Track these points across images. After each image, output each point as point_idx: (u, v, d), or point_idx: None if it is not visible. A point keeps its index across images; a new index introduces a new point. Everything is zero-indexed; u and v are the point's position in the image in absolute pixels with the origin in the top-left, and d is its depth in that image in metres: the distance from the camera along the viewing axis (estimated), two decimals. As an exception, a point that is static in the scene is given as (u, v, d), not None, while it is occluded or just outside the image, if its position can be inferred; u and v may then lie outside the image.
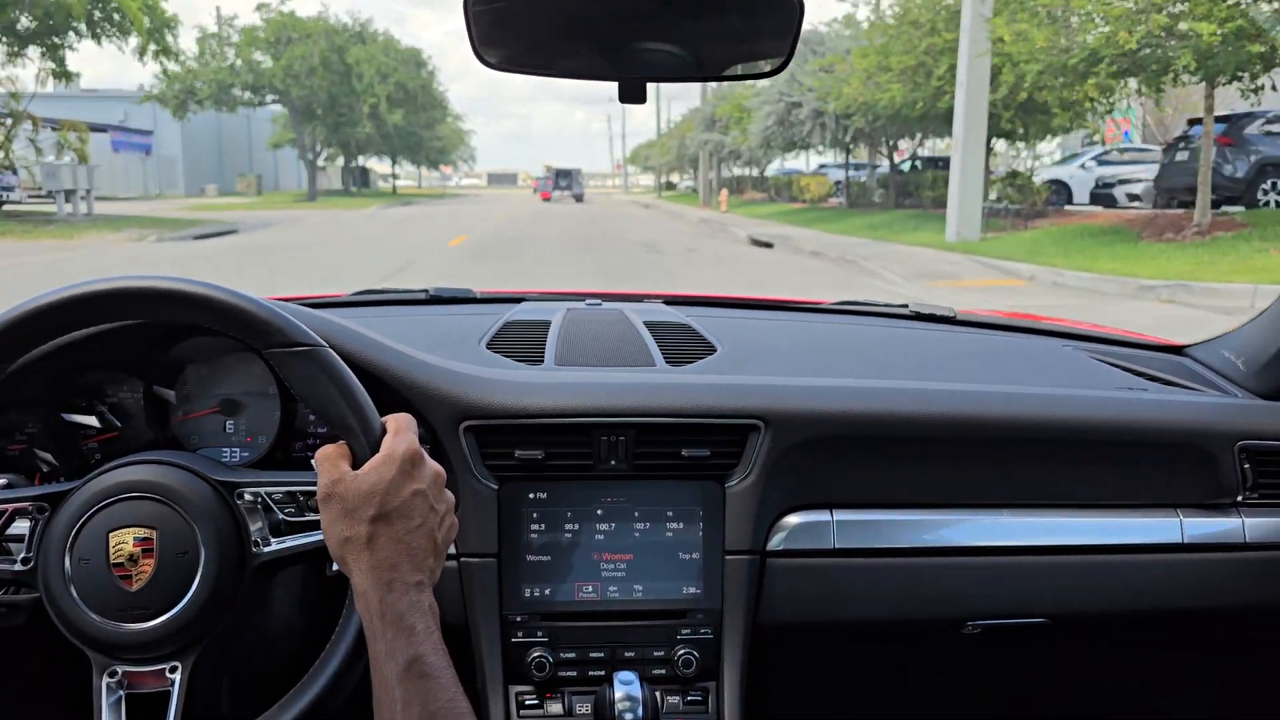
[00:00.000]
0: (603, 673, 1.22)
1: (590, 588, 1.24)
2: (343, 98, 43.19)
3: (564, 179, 49.23)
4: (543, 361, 1.39)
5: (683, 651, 1.24)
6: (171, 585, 0.94)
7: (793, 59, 1.12)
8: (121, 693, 0.94)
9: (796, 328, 1.82)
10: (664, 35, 1.10)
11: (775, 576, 1.28)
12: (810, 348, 1.64)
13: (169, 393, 1.24)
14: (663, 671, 1.24)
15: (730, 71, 1.16)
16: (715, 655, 1.25)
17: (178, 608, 0.93)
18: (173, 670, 0.95)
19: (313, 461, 0.94)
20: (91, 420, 1.22)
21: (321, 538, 0.93)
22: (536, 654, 1.22)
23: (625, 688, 1.15)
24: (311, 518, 0.98)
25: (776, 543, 1.28)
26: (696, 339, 1.53)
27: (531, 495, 1.24)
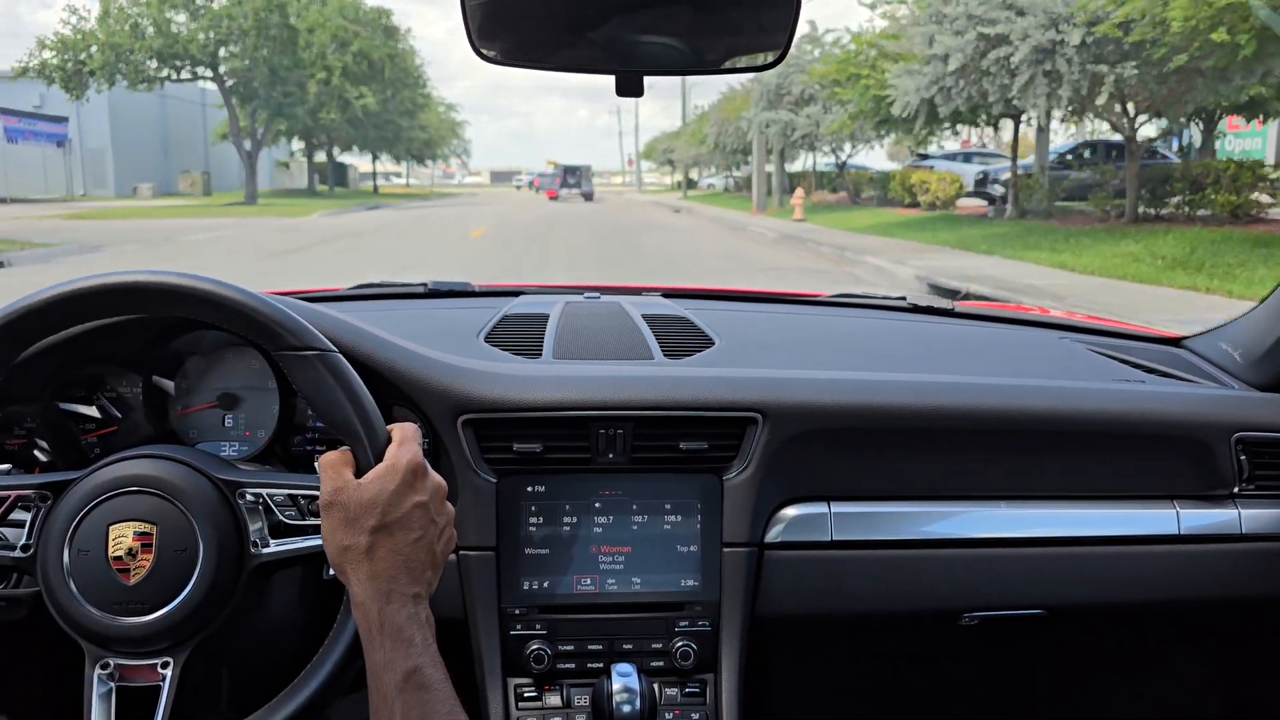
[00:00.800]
0: (601, 665, 1.23)
1: (588, 580, 1.25)
2: (285, 71, 32.88)
3: (572, 176, 44.93)
4: (541, 355, 1.39)
5: (681, 643, 1.24)
6: (169, 581, 0.94)
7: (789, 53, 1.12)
8: (112, 685, 0.95)
9: (794, 320, 1.82)
10: (661, 28, 1.10)
11: (773, 569, 1.28)
12: (808, 340, 1.65)
13: (169, 384, 1.24)
14: (661, 663, 1.24)
15: (727, 65, 1.15)
16: (713, 647, 1.25)
17: (173, 604, 0.94)
18: (164, 665, 0.95)
19: (316, 466, 0.94)
20: (91, 411, 1.22)
21: (320, 542, 0.93)
22: (535, 646, 1.23)
23: (623, 679, 1.16)
24: (312, 521, 0.98)
25: (774, 535, 1.29)
26: (694, 332, 1.53)
27: (530, 488, 1.24)
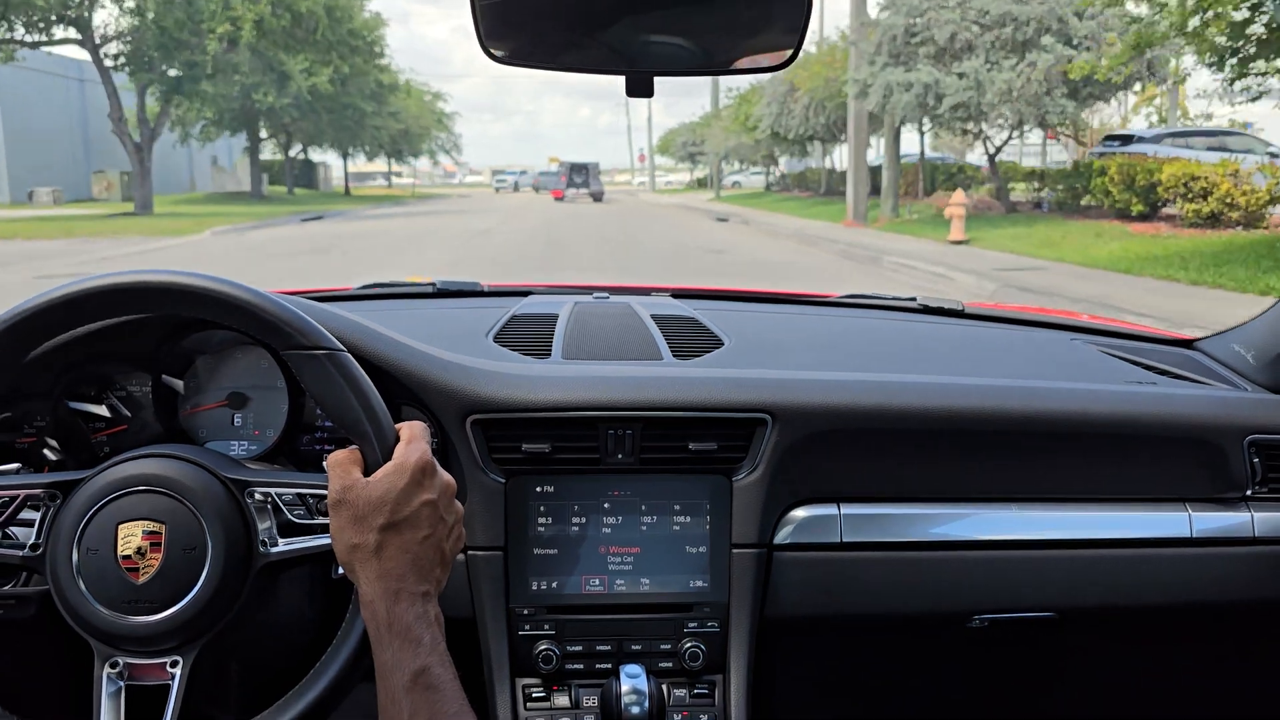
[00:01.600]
0: (609, 665, 1.22)
1: (597, 581, 1.25)
2: (178, 30, 24.06)
3: (578, 174, 40.49)
4: (550, 355, 1.39)
5: (689, 645, 1.24)
6: (177, 580, 0.94)
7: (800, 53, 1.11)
8: (122, 684, 0.95)
9: (804, 321, 1.81)
10: (671, 28, 1.10)
11: (782, 570, 1.28)
12: (818, 341, 1.64)
13: (178, 383, 1.24)
14: (669, 664, 1.24)
15: (737, 65, 1.15)
16: (722, 648, 1.25)
17: (182, 603, 0.94)
18: (174, 664, 0.95)
19: (324, 464, 0.94)
20: (101, 410, 1.23)
21: (329, 541, 0.93)
22: (543, 647, 1.22)
23: (632, 680, 1.15)
24: (320, 521, 0.98)
25: (783, 536, 1.28)
26: (704, 332, 1.52)
27: (538, 488, 1.24)
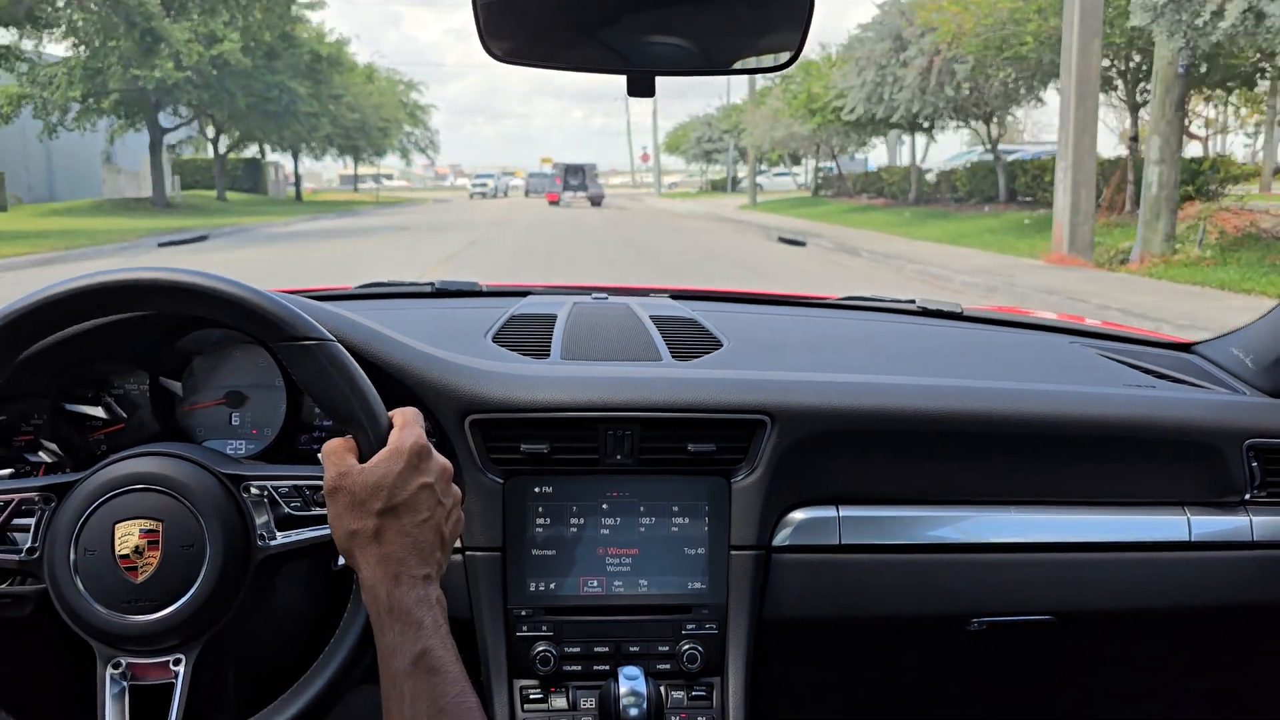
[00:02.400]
0: (607, 667, 1.22)
1: (595, 582, 1.24)
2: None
3: (575, 177, 37.74)
4: (548, 355, 1.39)
5: (687, 646, 1.23)
6: (176, 578, 0.94)
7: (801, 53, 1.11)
8: (125, 684, 0.95)
9: (803, 323, 1.81)
10: (673, 27, 1.10)
11: (781, 572, 1.28)
12: (817, 343, 1.64)
13: (175, 384, 1.24)
14: (667, 666, 1.24)
15: (739, 65, 1.15)
16: (720, 650, 1.25)
17: (182, 600, 0.93)
18: (176, 662, 0.95)
19: (319, 455, 0.94)
20: (97, 411, 1.22)
21: (328, 532, 0.93)
22: (541, 648, 1.22)
23: (630, 682, 1.15)
24: (318, 512, 0.98)
25: (782, 538, 1.28)
26: (703, 333, 1.52)
27: (537, 489, 1.24)
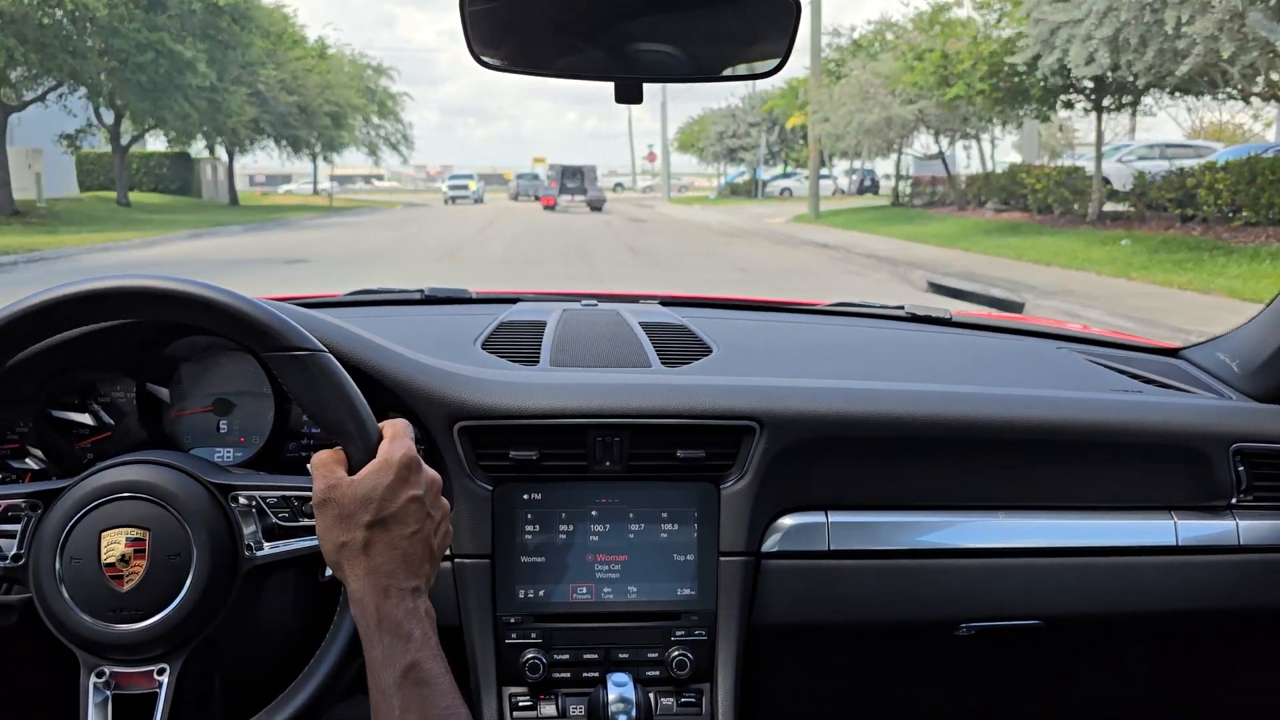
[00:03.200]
0: (597, 674, 1.22)
1: (584, 589, 1.24)
2: None
3: (572, 179, 34.66)
4: (538, 362, 1.39)
5: (677, 653, 1.23)
6: (162, 587, 0.93)
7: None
8: (108, 693, 0.94)
9: (792, 329, 1.82)
10: (661, 35, 1.10)
11: (770, 578, 1.28)
12: (806, 349, 1.64)
13: (163, 390, 1.23)
14: (657, 673, 1.24)
15: (726, 72, 1.15)
16: (709, 657, 1.25)
17: (168, 610, 0.93)
18: (161, 672, 0.94)
19: (308, 466, 0.94)
20: (84, 418, 1.22)
21: (315, 543, 0.93)
22: (530, 655, 1.22)
23: (619, 689, 1.15)
24: (306, 523, 0.98)
25: (771, 544, 1.28)
26: (692, 340, 1.52)
27: (526, 496, 1.24)
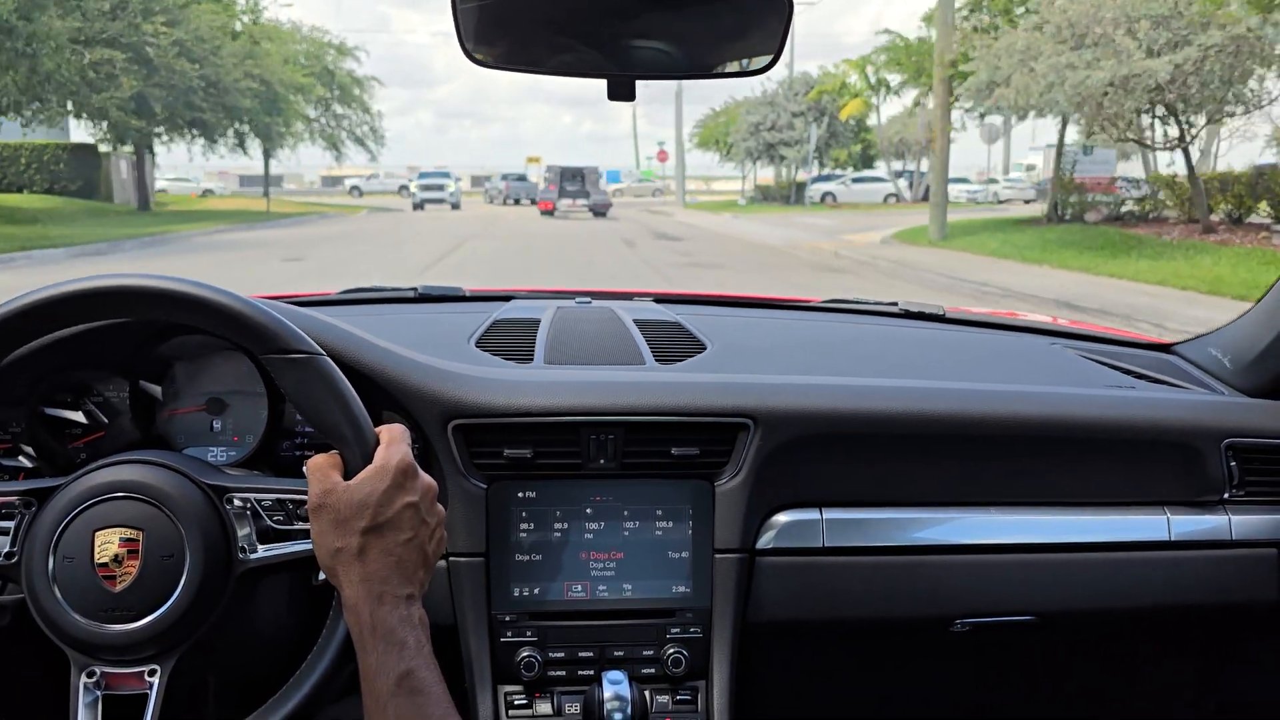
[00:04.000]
0: (592, 672, 1.22)
1: (579, 587, 1.24)
2: None
3: (573, 182, 30.98)
4: (532, 360, 1.39)
5: (672, 650, 1.24)
6: (155, 588, 0.93)
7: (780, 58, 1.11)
8: (98, 693, 0.94)
9: (786, 326, 1.82)
10: (653, 32, 1.10)
11: (764, 575, 1.28)
12: (800, 346, 1.65)
13: (155, 389, 1.23)
14: (652, 671, 1.24)
15: (719, 70, 1.15)
16: (704, 654, 1.25)
17: (160, 611, 0.93)
18: (151, 673, 0.94)
19: (304, 469, 0.93)
20: (77, 416, 1.21)
21: (309, 547, 0.93)
22: (525, 653, 1.22)
23: (614, 687, 1.15)
24: (300, 526, 0.97)
25: (766, 541, 1.28)
26: (686, 337, 1.52)
27: (520, 494, 1.24)
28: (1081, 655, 1.56)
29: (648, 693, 1.23)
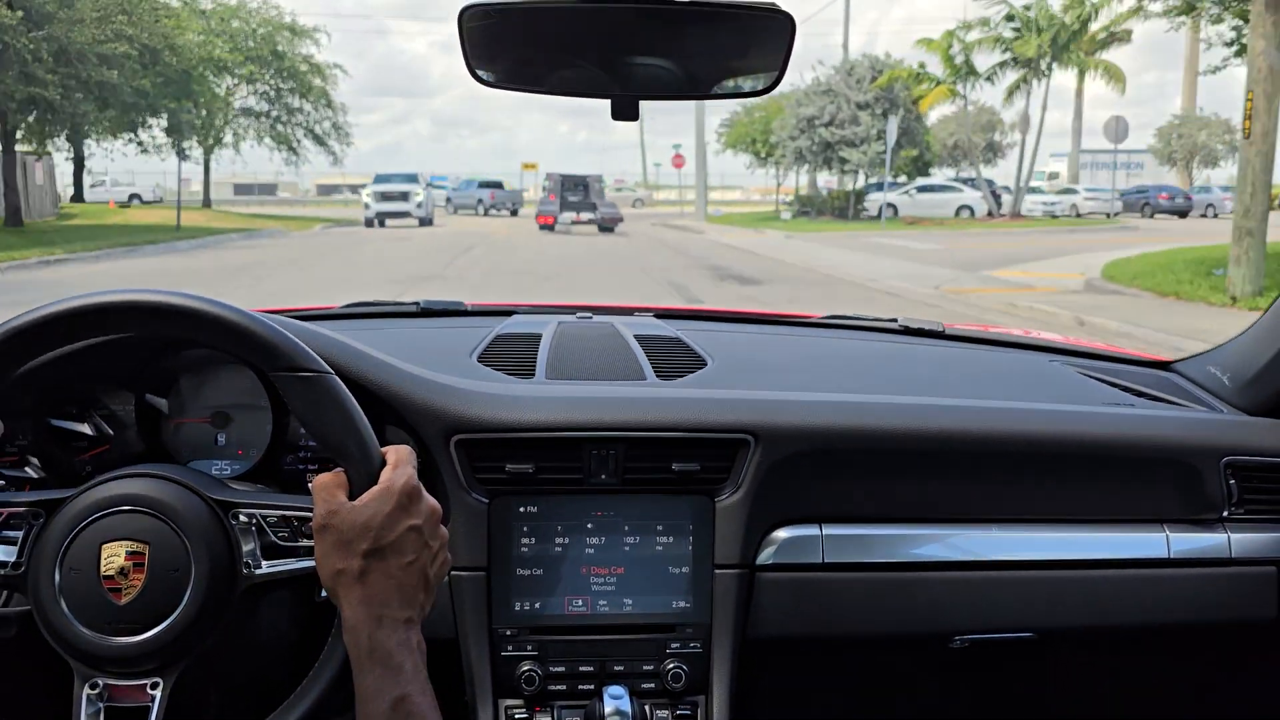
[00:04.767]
0: (592, 686, 1.22)
1: (580, 601, 1.25)
2: None
3: (575, 192, 26.77)
4: (534, 375, 1.39)
5: (672, 665, 1.24)
6: (160, 601, 0.93)
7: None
8: (101, 705, 0.94)
9: (787, 342, 1.82)
10: (657, 52, 1.11)
11: (764, 591, 1.28)
12: (800, 362, 1.65)
13: (161, 402, 1.24)
14: (652, 685, 1.24)
15: (722, 89, 1.16)
16: (704, 669, 1.25)
17: (164, 624, 0.93)
18: (154, 686, 0.94)
19: (310, 487, 0.94)
20: (84, 428, 1.22)
21: (313, 564, 0.93)
22: (526, 668, 1.22)
23: (614, 702, 1.15)
24: (305, 543, 0.98)
25: (766, 557, 1.29)
26: (687, 353, 1.53)
27: (521, 509, 1.24)
28: (1080, 673, 1.56)
29: (648, 707, 1.23)
